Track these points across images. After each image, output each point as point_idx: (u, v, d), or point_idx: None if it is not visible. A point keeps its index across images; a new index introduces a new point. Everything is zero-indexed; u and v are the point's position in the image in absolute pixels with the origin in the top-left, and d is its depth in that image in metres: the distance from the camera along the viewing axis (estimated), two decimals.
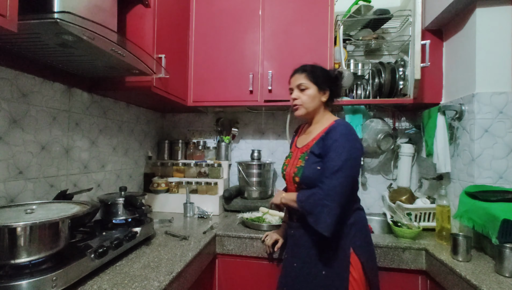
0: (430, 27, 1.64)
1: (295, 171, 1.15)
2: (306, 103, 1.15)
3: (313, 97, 1.15)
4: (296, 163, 1.16)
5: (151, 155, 2.05)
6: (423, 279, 1.30)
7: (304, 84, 1.15)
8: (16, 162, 1.10)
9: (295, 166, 1.16)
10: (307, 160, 1.12)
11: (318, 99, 1.16)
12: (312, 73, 1.15)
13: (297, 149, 1.22)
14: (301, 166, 1.13)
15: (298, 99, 1.16)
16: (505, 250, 1.00)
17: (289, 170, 1.20)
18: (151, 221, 1.33)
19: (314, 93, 1.14)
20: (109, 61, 1.09)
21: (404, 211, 1.51)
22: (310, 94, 1.14)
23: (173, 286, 0.95)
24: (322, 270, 1.08)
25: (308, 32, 1.73)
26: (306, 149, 1.15)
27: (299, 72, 1.18)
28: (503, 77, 1.32)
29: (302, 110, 1.17)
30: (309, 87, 1.15)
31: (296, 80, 1.17)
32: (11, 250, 0.74)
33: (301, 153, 1.17)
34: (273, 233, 1.36)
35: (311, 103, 1.15)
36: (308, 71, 1.16)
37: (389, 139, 1.80)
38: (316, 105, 1.16)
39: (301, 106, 1.16)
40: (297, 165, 1.15)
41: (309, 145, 1.15)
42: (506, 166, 1.31)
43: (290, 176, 1.18)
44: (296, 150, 1.23)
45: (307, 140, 1.18)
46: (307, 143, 1.17)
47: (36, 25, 0.80)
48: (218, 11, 1.83)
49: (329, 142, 1.06)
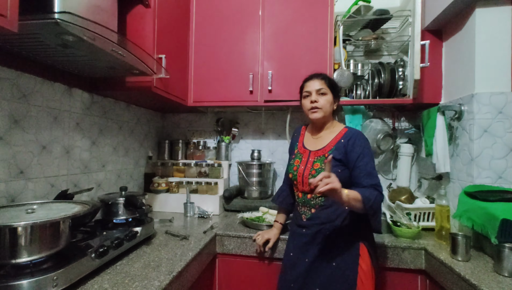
0: (430, 27, 1.64)
1: (314, 173, 1.17)
2: (325, 106, 1.21)
3: (330, 103, 1.22)
4: (313, 166, 1.20)
5: (151, 155, 2.05)
6: (423, 278, 1.31)
7: (324, 89, 1.22)
8: (17, 162, 1.11)
9: (314, 168, 1.19)
10: (333, 167, 1.14)
11: (332, 107, 1.24)
12: (330, 81, 1.25)
13: (309, 151, 1.25)
14: (321, 168, 1.17)
15: (318, 102, 1.21)
16: (504, 250, 1.01)
17: (302, 171, 1.21)
18: (152, 221, 1.34)
19: (331, 100, 1.23)
20: (110, 61, 1.09)
21: (404, 211, 1.52)
22: (328, 99, 1.22)
23: (174, 286, 0.95)
24: (333, 262, 1.13)
25: (308, 33, 1.73)
26: (322, 153, 1.20)
27: (319, 78, 1.24)
28: (502, 77, 1.32)
29: (320, 113, 1.21)
30: (328, 93, 1.22)
31: (315, 84, 1.23)
32: (12, 249, 0.75)
33: (316, 156, 1.21)
34: (264, 232, 1.39)
35: (329, 108, 1.22)
36: (327, 78, 1.25)
37: (388, 139, 1.81)
38: (330, 111, 1.24)
39: (320, 110, 1.21)
40: (315, 168, 1.18)
41: (326, 150, 1.20)
42: (505, 166, 1.31)
43: (306, 177, 1.20)
44: (307, 152, 1.25)
45: (321, 144, 1.23)
46: (323, 148, 1.21)
47: (37, 25, 0.80)
48: (218, 11, 1.83)
49: (359, 149, 1.14)
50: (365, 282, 1.10)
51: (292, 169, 1.25)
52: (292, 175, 1.25)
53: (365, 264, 1.12)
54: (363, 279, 1.10)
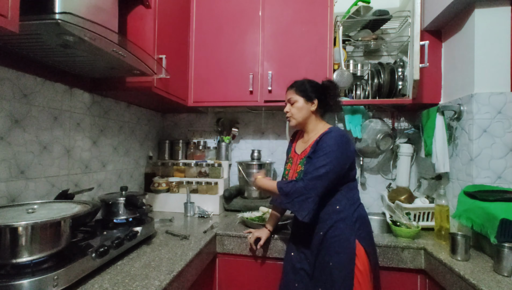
0: (429, 28, 1.64)
1: (296, 175, 1.25)
2: (295, 114, 1.28)
3: (300, 108, 1.26)
4: (297, 169, 1.26)
5: (151, 155, 2.05)
6: (422, 278, 1.31)
7: (292, 98, 1.28)
8: (18, 162, 1.11)
9: (296, 171, 1.26)
10: (305, 164, 1.21)
11: (307, 109, 1.27)
12: (299, 87, 1.28)
13: (297, 156, 1.32)
14: (301, 170, 1.23)
15: (289, 111, 1.29)
16: (503, 250, 1.01)
17: (291, 175, 1.30)
18: (152, 221, 1.34)
19: (302, 105, 1.26)
20: (110, 61, 1.10)
21: (403, 211, 1.52)
22: (297, 106, 1.27)
23: (174, 285, 0.95)
24: (330, 262, 1.13)
25: (308, 33, 1.73)
26: (304, 155, 1.26)
27: (290, 88, 1.31)
28: (501, 78, 1.33)
29: (293, 121, 1.30)
30: (297, 100, 1.27)
31: (287, 95, 1.31)
32: (13, 249, 0.75)
33: (299, 159, 1.28)
34: (255, 231, 1.40)
35: (299, 114, 1.27)
36: (296, 86, 1.29)
37: (388, 139, 1.81)
38: (305, 115, 1.27)
39: (291, 118, 1.29)
40: (297, 170, 1.25)
41: (307, 151, 1.25)
42: (505, 166, 1.31)
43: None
44: (296, 156, 1.32)
45: (305, 147, 1.29)
46: (304, 150, 1.28)
47: (37, 25, 0.80)
48: (219, 11, 1.83)
49: (320, 144, 1.18)
50: (362, 282, 1.10)
51: (285, 173, 1.36)
52: (285, 179, 1.33)
53: (362, 264, 1.12)
54: (360, 279, 1.10)
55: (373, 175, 2.01)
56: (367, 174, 2.01)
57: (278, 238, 1.40)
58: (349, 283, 1.09)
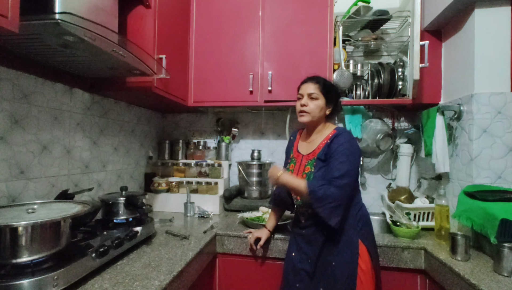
0: (429, 28, 1.64)
1: (305, 176, 1.21)
2: (313, 111, 1.21)
3: (320, 108, 1.21)
4: (304, 169, 1.23)
5: (151, 155, 2.05)
6: (422, 278, 1.31)
7: (315, 94, 1.21)
8: (18, 162, 1.11)
9: (305, 172, 1.22)
10: (316, 166, 1.19)
11: (324, 111, 1.23)
12: (325, 86, 1.22)
13: (301, 156, 1.28)
14: (310, 171, 1.20)
15: (307, 106, 1.21)
16: (503, 250, 1.01)
17: (296, 175, 1.25)
18: (152, 221, 1.34)
19: (322, 105, 1.21)
20: (110, 61, 1.10)
21: (403, 211, 1.52)
22: (318, 104, 1.21)
23: (174, 285, 0.95)
24: (332, 261, 1.14)
25: (308, 33, 1.73)
26: (313, 156, 1.22)
27: (313, 81, 1.23)
28: (501, 78, 1.33)
29: (307, 117, 1.22)
30: (319, 98, 1.21)
31: (308, 88, 1.22)
32: (13, 249, 0.75)
33: (307, 160, 1.24)
34: (255, 231, 1.40)
35: (318, 113, 1.21)
36: (321, 83, 1.22)
37: (388, 139, 1.81)
38: (321, 116, 1.23)
39: (308, 114, 1.22)
40: (306, 171, 1.22)
41: (316, 152, 1.22)
42: (505, 166, 1.31)
43: None
44: (300, 157, 1.28)
45: (312, 148, 1.25)
46: (313, 151, 1.24)
47: (37, 25, 0.80)
48: (219, 12, 1.83)
49: (335, 146, 1.15)
50: (364, 282, 1.11)
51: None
52: None
53: (365, 264, 1.13)
54: (362, 279, 1.11)
55: (373, 175, 2.01)
56: (367, 174, 2.01)
57: (278, 238, 1.40)
58: (351, 283, 1.10)
